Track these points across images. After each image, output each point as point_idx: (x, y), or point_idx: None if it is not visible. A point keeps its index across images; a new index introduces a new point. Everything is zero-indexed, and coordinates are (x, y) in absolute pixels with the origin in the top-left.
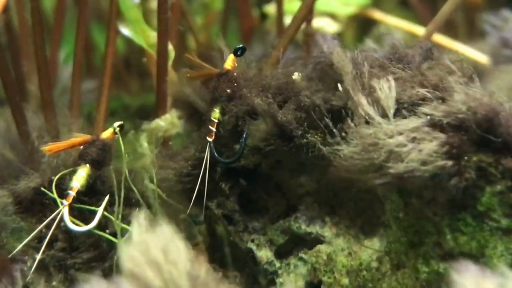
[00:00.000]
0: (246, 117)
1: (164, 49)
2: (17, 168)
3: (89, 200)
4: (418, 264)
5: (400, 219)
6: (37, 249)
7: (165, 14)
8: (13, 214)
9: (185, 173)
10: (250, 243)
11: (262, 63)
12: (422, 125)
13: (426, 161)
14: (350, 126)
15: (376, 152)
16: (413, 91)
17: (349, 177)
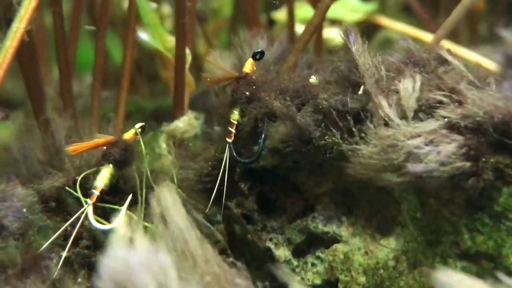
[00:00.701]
0: (265, 119)
1: (182, 53)
2: (41, 168)
3: (112, 199)
4: (436, 262)
5: (417, 219)
6: (62, 247)
7: (183, 19)
8: (39, 213)
9: (205, 173)
10: (269, 242)
11: (279, 67)
12: (440, 128)
13: (444, 162)
14: (369, 127)
15: (395, 153)
16: (430, 95)
17: (366, 176)
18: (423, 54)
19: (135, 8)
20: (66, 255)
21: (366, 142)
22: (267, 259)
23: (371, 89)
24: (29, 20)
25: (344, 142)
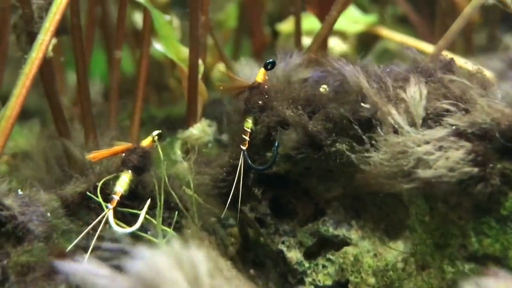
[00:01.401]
0: (278, 127)
1: (195, 63)
2: (62, 175)
3: (132, 203)
4: (444, 264)
5: (425, 222)
6: (85, 249)
7: (196, 32)
8: (62, 217)
9: (220, 179)
10: (281, 244)
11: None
12: (448, 135)
13: (453, 168)
14: (379, 135)
15: (405, 159)
16: (437, 103)
17: (377, 182)
18: (429, 64)
19: (149, 20)
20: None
21: (376, 149)
22: (280, 261)
23: (375, 99)
24: (54, 32)
25: (354, 149)
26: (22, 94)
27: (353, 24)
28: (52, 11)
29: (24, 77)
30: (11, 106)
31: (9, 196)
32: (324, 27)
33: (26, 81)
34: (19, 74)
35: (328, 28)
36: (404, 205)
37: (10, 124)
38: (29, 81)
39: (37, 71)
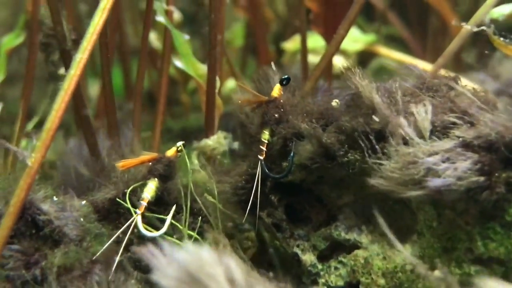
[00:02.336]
0: (294, 139)
1: (213, 79)
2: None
3: (158, 209)
4: (451, 267)
5: (433, 227)
6: (116, 252)
7: (214, 49)
8: (94, 221)
9: (239, 187)
10: (296, 248)
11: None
12: (455, 146)
13: (461, 177)
14: (390, 145)
15: (416, 169)
16: (444, 116)
17: (388, 189)
18: (434, 80)
19: (170, 39)
20: (119, 259)
21: (388, 159)
22: (295, 263)
23: (386, 112)
24: (91, 51)
25: (365, 159)
26: (61, 108)
27: (353, 43)
28: (89, 32)
29: (63, 93)
30: (51, 119)
31: (46, 202)
32: (332, 45)
33: (65, 96)
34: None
35: (336, 47)
36: (411, 211)
37: (50, 136)
38: (68, 96)
39: (75, 87)
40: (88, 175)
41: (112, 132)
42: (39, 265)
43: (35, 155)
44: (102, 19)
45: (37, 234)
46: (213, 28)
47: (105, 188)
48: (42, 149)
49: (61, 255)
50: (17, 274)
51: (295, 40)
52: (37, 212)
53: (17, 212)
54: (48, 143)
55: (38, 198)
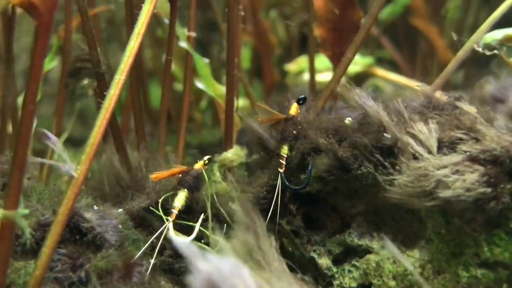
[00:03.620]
0: (312, 153)
1: (231, 98)
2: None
3: (187, 217)
4: (459, 270)
5: (442, 234)
6: (150, 256)
7: (232, 71)
8: (131, 228)
9: (261, 197)
10: (312, 252)
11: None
12: (463, 160)
13: (470, 188)
14: (400, 160)
15: (427, 181)
16: (451, 133)
17: (400, 200)
18: (440, 99)
19: (191, 62)
20: (154, 262)
21: (400, 172)
22: (311, 266)
23: (395, 131)
24: (128, 72)
25: (378, 172)
26: (103, 124)
27: (353, 65)
28: (126, 55)
29: (104, 110)
30: (94, 135)
31: (88, 210)
32: (341, 67)
33: (106, 114)
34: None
35: (344, 68)
36: (419, 219)
37: (93, 149)
38: (109, 114)
39: (114, 106)
40: (118, 185)
41: (142, 145)
42: (84, 267)
43: (80, 167)
44: (137, 43)
45: (81, 239)
46: (231, 52)
47: (139, 198)
48: (86, 161)
49: (103, 258)
50: (65, 276)
51: (297, 63)
52: (81, 220)
53: (65, 220)
54: (91, 156)
55: (81, 207)
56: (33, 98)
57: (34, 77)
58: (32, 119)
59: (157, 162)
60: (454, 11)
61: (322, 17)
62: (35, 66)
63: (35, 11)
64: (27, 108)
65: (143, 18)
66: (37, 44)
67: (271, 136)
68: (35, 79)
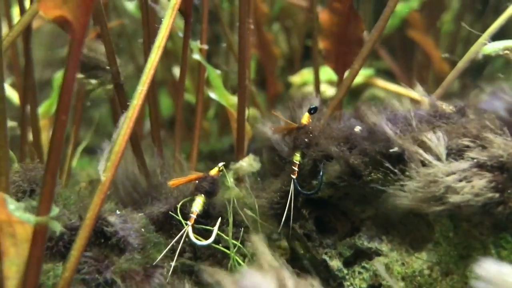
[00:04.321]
0: (323, 160)
1: (243, 108)
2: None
3: (205, 221)
4: (467, 271)
5: (449, 237)
6: (171, 258)
7: (244, 82)
8: (153, 232)
9: (275, 202)
10: (324, 255)
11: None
12: (471, 167)
13: (478, 194)
14: (411, 167)
15: (436, 187)
16: (459, 141)
17: (410, 205)
18: (446, 108)
19: (204, 73)
20: (174, 264)
21: (410, 178)
22: (323, 268)
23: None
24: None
25: (387, 178)
26: (127, 133)
27: None
28: (147, 67)
29: (128, 120)
30: (118, 143)
31: (112, 215)
32: (348, 78)
33: (130, 123)
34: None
35: (351, 79)
36: (426, 223)
37: (118, 157)
38: (132, 123)
39: (138, 115)
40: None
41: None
42: (109, 269)
43: (106, 174)
44: (157, 55)
45: (105, 243)
46: (242, 64)
47: (158, 203)
48: (112, 169)
49: (127, 261)
50: (91, 277)
51: (301, 75)
52: (105, 224)
53: (92, 224)
54: (116, 164)
55: (105, 212)
56: (66, 109)
57: (67, 89)
58: (64, 128)
59: (172, 168)
60: (448, 24)
61: (327, 31)
62: (67, 78)
63: (69, 26)
64: (60, 118)
65: (163, 32)
66: (70, 57)
67: (284, 143)
68: (67, 91)
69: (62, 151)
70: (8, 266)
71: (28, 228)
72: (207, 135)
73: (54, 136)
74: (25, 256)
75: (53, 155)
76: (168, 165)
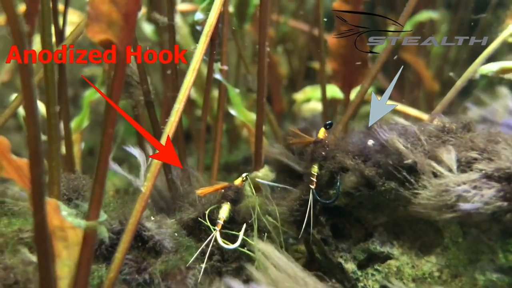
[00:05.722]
0: (340, 172)
1: (261, 123)
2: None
3: (231, 227)
4: (476, 274)
5: (458, 242)
6: (202, 260)
7: (262, 100)
8: (185, 236)
9: (295, 209)
10: (339, 258)
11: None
12: (480, 177)
13: (488, 202)
14: (423, 179)
15: (448, 196)
16: (467, 154)
17: (423, 213)
18: (452, 124)
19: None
20: (204, 266)
21: (424, 188)
22: (338, 271)
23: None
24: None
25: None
26: None
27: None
28: (183, 87)
29: (165, 135)
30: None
31: (148, 221)
32: (358, 96)
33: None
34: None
35: (361, 97)
36: (435, 229)
37: (157, 169)
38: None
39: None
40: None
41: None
42: (147, 270)
43: (146, 183)
44: (192, 77)
45: (143, 246)
46: (261, 83)
47: (187, 210)
48: (152, 179)
49: (163, 263)
50: (132, 277)
51: (304, 92)
52: (143, 229)
53: (134, 229)
54: (156, 174)
55: (143, 218)
56: (112, 123)
57: (113, 105)
58: (111, 141)
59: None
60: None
61: (335, 53)
62: (113, 95)
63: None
64: (107, 132)
65: (198, 56)
66: (116, 76)
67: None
68: (113, 106)
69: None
70: (61, 267)
71: (79, 232)
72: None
73: (102, 148)
74: (76, 258)
75: (101, 166)
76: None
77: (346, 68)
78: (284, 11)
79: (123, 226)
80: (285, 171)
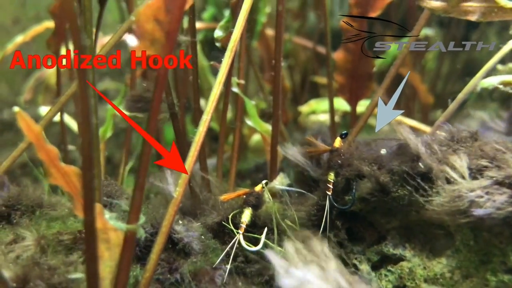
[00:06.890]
0: (356, 179)
1: (276, 134)
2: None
3: (252, 230)
4: (487, 275)
5: (470, 245)
6: (227, 262)
7: (278, 111)
8: (211, 239)
9: (312, 214)
10: (354, 260)
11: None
12: (491, 184)
13: (500, 207)
14: (436, 185)
15: (461, 202)
16: (477, 162)
17: (436, 218)
18: (462, 133)
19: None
20: (229, 267)
21: (438, 194)
22: (353, 272)
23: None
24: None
25: (413, 194)
26: (194, 155)
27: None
28: (210, 100)
29: (195, 144)
30: (188, 163)
31: (178, 224)
32: (369, 108)
33: (196, 147)
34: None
35: (372, 108)
36: (445, 233)
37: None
38: (199, 147)
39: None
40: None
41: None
42: (178, 271)
43: (178, 189)
44: (219, 90)
45: (173, 248)
46: (276, 97)
47: (211, 214)
48: (183, 185)
49: (192, 263)
50: (165, 277)
51: (309, 105)
52: (173, 232)
53: (167, 232)
54: (187, 181)
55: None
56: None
57: (153, 115)
58: (151, 151)
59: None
60: (431, 61)
61: (342, 67)
62: (154, 107)
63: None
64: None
65: (224, 70)
66: (156, 88)
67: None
68: (154, 117)
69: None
70: (103, 268)
71: (120, 234)
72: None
73: (141, 157)
74: (116, 259)
75: (141, 174)
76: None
77: (353, 82)
78: (288, 29)
79: (155, 229)
80: (301, 172)
